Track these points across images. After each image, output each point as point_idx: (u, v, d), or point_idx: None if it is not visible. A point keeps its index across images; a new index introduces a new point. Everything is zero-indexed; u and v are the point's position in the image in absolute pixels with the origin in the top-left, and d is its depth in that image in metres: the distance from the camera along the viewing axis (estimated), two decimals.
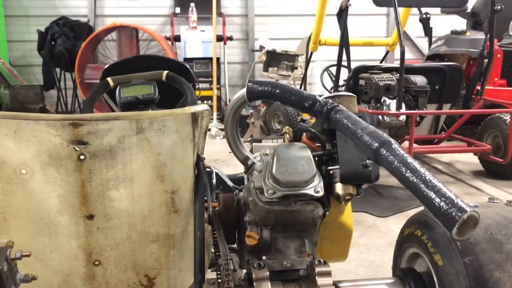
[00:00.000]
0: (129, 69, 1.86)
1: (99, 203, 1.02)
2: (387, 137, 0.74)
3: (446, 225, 0.57)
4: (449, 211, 0.56)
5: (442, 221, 0.58)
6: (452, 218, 0.56)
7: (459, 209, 0.56)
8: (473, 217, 0.55)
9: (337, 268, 1.20)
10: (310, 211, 0.99)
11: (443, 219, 0.58)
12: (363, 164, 0.94)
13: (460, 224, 0.55)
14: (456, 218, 0.55)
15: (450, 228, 0.56)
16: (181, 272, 1.18)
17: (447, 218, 0.57)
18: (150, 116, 1.01)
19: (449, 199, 0.58)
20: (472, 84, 4.53)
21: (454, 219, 0.56)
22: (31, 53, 7.12)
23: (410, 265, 1.09)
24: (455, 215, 0.55)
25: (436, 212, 0.59)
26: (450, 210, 0.56)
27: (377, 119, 3.82)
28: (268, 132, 5.40)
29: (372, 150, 0.73)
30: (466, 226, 0.56)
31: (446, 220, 0.57)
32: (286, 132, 1.29)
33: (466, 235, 0.57)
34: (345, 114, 0.87)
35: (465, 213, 0.55)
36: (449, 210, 0.56)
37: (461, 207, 0.56)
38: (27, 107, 6.17)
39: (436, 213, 0.59)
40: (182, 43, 6.92)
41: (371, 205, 3.40)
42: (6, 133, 0.94)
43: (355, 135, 0.78)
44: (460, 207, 0.56)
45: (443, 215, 0.57)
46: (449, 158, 4.79)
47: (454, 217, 0.55)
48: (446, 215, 0.57)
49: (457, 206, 0.56)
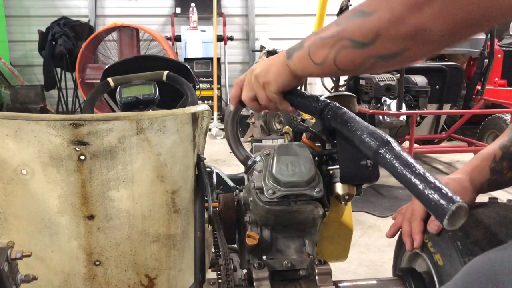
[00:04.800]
0: (130, 69, 1.86)
1: (99, 203, 1.03)
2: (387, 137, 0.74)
3: (438, 216, 0.60)
4: (440, 202, 0.60)
5: (434, 214, 0.61)
6: (443, 209, 0.59)
7: (449, 200, 0.59)
8: (463, 207, 0.58)
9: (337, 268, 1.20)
10: (310, 211, 0.99)
11: (435, 213, 0.61)
12: (363, 164, 0.94)
13: (450, 215, 0.58)
14: (447, 210, 0.58)
15: (442, 219, 0.59)
16: (182, 272, 1.18)
17: (438, 210, 0.60)
18: (150, 116, 1.01)
19: (440, 192, 0.61)
20: (472, 84, 4.54)
21: (445, 211, 0.59)
22: (31, 53, 7.13)
23: (410, 265, 1.09)
24: (446, 206, 0.59)
25: (431, 209, 0.62)
26: (441, 201, 0.60)
27: (378, 119, 3.82)
28: (268, 132, 5.40)
29: (372, 150, 0.73)
30: (456, 216, 0.59)
31: (437, 212, 0.60)
32: (286, 132, 1.30)
33: (457, 225, 0.60)
34: (345, 114, 0.87)
35: (454, 203, 0.58)
36: (440, 201, 0.60)
37: (451, 198, 0.59)
38: (27, 107, 6.18)
39: (433, 211, 0.61)
40: (182, 43, 6.92)
41: (372, 205, 3.40)
42: (7, 134, 0.95)
43: (355, 135, 0.78)
44: (450, 198, 0.59)
45: (433, 207, 0.61)
46: (449, 158, 4.78)
47: (445, 208, 0.59)
48: (436, 207, 0.60)
49: (447, 197, 0.60)
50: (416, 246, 0.97)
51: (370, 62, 0.72)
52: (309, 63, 0.84)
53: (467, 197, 0.97)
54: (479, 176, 0.99)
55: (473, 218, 0.93)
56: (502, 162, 0.99)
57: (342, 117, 0.85)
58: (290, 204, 0.97)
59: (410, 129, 3.73)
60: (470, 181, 0.98)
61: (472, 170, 1.00)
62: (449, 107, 4.37)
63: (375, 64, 0.73)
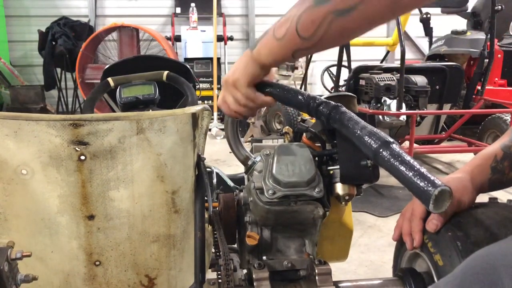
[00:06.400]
0: (130, 69, 1.86)
1: (99, 203, 1.03)
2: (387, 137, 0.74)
3: (424, 202, 0.64)
4: (425, 188, 0.64)
5: (421, 200, 0.65)
6: (427, 194, 0.63)
7: (432, 185, 0.63)
8: (445, 190, 0.63)
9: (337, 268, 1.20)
10: (310, 211, 0.99)
11: (422, 199, 0.65)
12: (363, 164, 0.94)
13: (434, 200, 0.63)
14: (430, 194, 0.63)
15: (428, 204, 0.63)
16: (182, 272, 1.18)
17: (423, 195, 0.64)
18: (150, 116, 1.01)
19: (425, 178, 0.65)
20: (472, 84, 4.54)
21: (429, 195, 0.63)
22: (31, 53, 7.13)
23: (410, 265, 1.09)
24: (430, 191, 0.63)
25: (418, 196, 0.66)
26: (425, 188, 0.64)
27: (378, 119, 3.82)
28: (268, 132, 5.40)
29: (372, 150, 0.73)
30: (440, 200, 0.63)
31: (423, 197, 0.64)
32: (286, 132, 1.29)
33: (443, 208, 0.63)
34: (346, 114, 0.87)
35: (437, 188, 0.63)
36: (424, 188, 0.64)
37: (434, 182, 0.64)
38: (27, 107, 6.18)
39: (420, 197, 0.65)
40: (182, 43, 6.92)
41: (372, 205, 3.40)
42: (7, 134, 0.95)
43: (355, 135, 0.78)
44: (433, 183, 0.64)
45: (419, 194, 0.65)
46: (449, 158, 4.79)
47: (429, 193, 0.63)
48: (421, 193, 0.65)
49: (431, 182, 0.64)
50: (416, 245, 0.97)
51: (329, 19, 0.77)
52: (272, 42, 0.89)
53: (467, 196, 0.97)
54: (480, 176, 0.99)
55: (473, 218, 0.93)
56: (503, 162, 0.99)
57: (342, 117, 0.85)
58: (290, 204, 0.97)
59: (410, 129, 3.73)
60: (471, 180, 0.98)
61: (473, 169, 1.00)
62: (449, 107, 4.37)
63: (334, 23, 0.77)
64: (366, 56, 5.78)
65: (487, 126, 4.34)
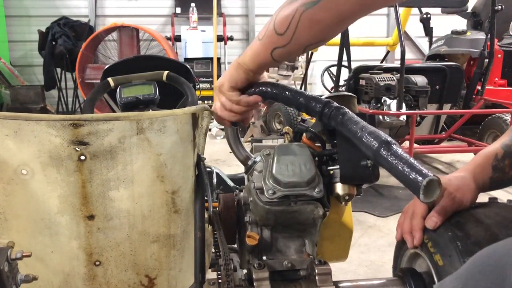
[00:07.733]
0: (130, 69, 1.86)
1: (99, 203, 1.03)
2: (387, 137, 0.74)
3: (415, 192, 0.67)
4: (415, 179, 0.67)
5: (412, 190, 0.68)
6: (417, 184, 0.66)
7: (421, 175, 0.66)
8: (434, 180, 0.65)
9: (337, 268, 1.20)
10: (310, 211, 0.99)
11: (412, 189, 0.68)
12: (363, 164, 0.94)
13: (423, 189, 0.65)
14: (419, 184, 0.66)
15: (418, 194, 0.66)
16: (182, 272, 1.18)
17: (414, 185, 0.67)
18: (150, 116, 1.01)
19: (415, 170, 0.68)
20: (472, 84, 4.54)
21: (418, 185, 0.66)
22: (32, 53, 7.14)
23: (410, 265, 1.09)
24: (419, 181, 0.66)
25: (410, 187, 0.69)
26: (415, 178, 0.67)
27: (378, 119, 3.82)
28: (268, 132, 5.40)
29: (372, 150, 0.73)
30: (430, 189, 0.65)
31: (414, 188, 0.67)
32: (286, 132, 1.29)
33: (433, 197, 0.66)
34: (346, 114, 0.87)
35: (425, 178, 0.65)
36: (414, 178, 0.67)
37: (423, 173, 0.66)
38: (28, 107, 6.18)
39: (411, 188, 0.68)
40: (182, 43, 6.92)
41: (372, 205, 3.40)
42: (7, 134, 0.95)
43: (355, 135, 0.78)
44: (422, 173, 0.66)
45: (410, 185, 0.68)
46: (449, 158, 4.79)
47: (419, 183, 0.66)
48: (411, 183, 0.67)
49: (420, 173, 0.67)
50: (416, 243, 0.97)
51: (300, 12, 0.83)
52: (255, 43, 0.95)
53: (470, 195, 0.97)
54: (481, 174, 1.00)
55: (473, 218, 0.93)
56: (504, 161, 0.99)
57: (342, 117, 0.85)
58: (290, 204, 0.97)
59: (410, 129, 3.74)
60: (473, 179, 0.99)
61: (475, 168, 1.01)
62: (449, 107, 4.37)
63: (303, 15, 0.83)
64: (366, 56, 5.79)
65: (487, 126, 4.34)
